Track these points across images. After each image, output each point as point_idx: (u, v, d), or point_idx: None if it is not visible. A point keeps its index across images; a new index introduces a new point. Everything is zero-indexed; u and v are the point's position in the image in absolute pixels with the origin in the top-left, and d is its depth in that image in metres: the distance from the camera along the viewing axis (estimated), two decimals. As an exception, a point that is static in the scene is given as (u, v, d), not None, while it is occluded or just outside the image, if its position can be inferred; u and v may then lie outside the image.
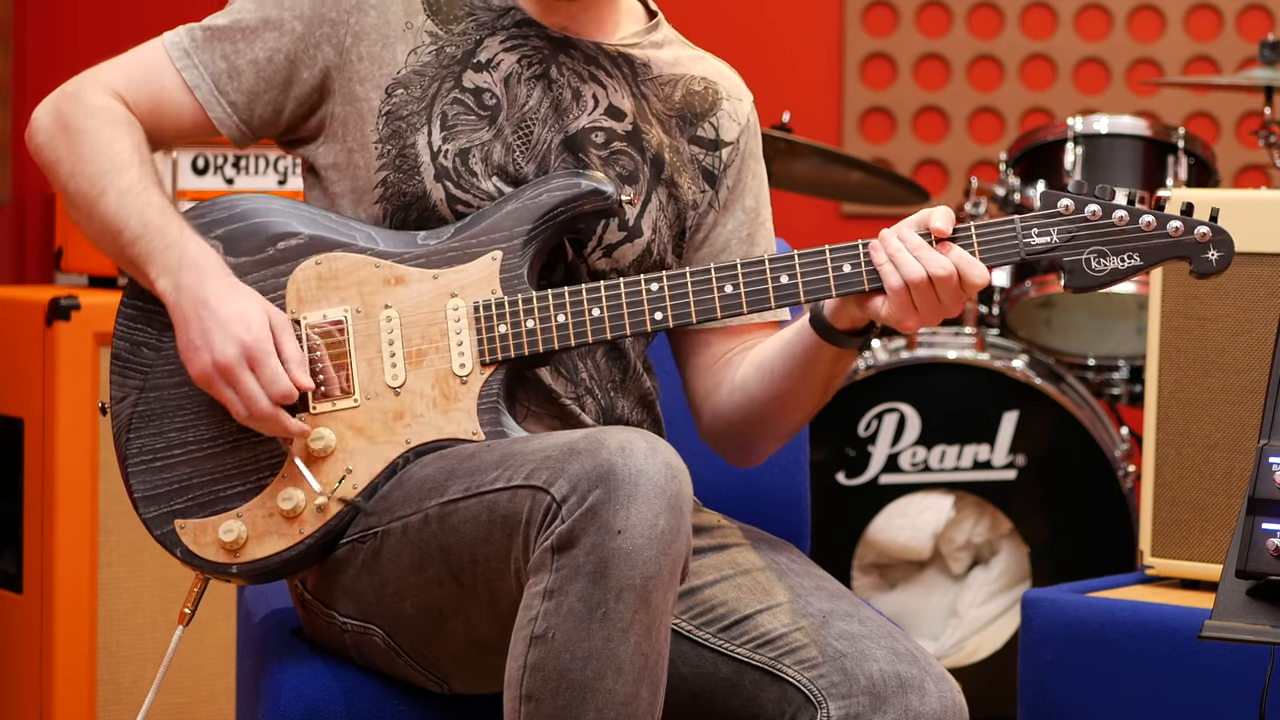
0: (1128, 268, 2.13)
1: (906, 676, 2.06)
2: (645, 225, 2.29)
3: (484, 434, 2.15)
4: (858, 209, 5.04)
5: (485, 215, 2.20)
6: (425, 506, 2.09)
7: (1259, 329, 2.71)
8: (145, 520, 2.20)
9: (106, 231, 2.19)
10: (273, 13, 2.23)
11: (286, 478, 2.17)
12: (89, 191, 2.19)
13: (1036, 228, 2.13)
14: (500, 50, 2.25)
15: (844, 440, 3.90)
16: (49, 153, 2.23)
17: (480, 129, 2.23)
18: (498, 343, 2.17)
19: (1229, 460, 2.72)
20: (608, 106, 2.28)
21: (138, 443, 2.21)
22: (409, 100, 2.22)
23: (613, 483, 1.91)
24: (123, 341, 2.22)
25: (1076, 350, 4.19)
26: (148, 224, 2.16)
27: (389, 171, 2.22)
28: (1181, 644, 2.61)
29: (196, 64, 2.24)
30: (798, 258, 2.16)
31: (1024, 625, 2.76)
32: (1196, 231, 2.11)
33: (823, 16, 5.15)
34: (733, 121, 2.37)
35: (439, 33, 2.24)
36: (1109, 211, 2.13)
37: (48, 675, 3.40)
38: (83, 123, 2.21)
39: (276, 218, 2.22)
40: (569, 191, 2.19)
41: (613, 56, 2.30)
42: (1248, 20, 5.05)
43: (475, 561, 2.03)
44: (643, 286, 2.17)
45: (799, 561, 2.26)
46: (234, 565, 2.18)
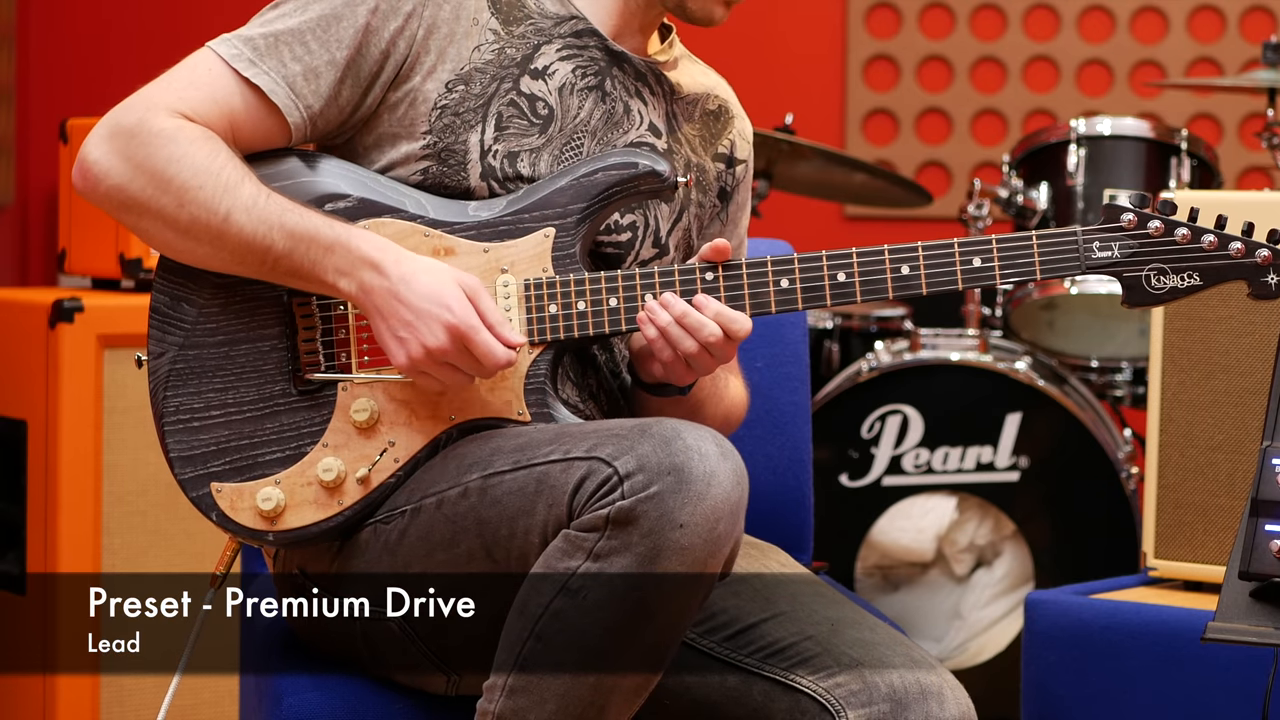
0: (1187, 287, 2.11)
1: (927, 683, 2.07)
2: (672, 243, 2.29)
3: (530, 414, 2.15)
4: (861, 211, 5.05)
5: (538, 189, 2.18)
6: (465, 480, 2.08)
7: (1261, 331, 2.71)
8: (181, 481, 2.17)
9: (248, 252, 2.11)
10: (341, 8, 2.17)
11: (328, 446, 2.16)
12: (211, 218, 2.10)
13: (1099, 241, 2.11)
14: (556, 59, 2.24)
15: (847, 442, 3.90)
16: (135, 191, 2.11)
17: (531, 135, 2.21)
18: (547, 323, 2.16)
19: (1232, 462, 2.72)
20: (649, 124, 2.29)
21: (175, 401, 2.17)
22: (468, 97, 2.20)
23: (684, 476, 1.93)
24: (163, 295, 2.18)
25: (1079, 352, 4.19)
26: (294, 232, 2.10)
27: (432, 162, 2.19)
28: (1184, 646, 2.61)
29: (267, 70, 2.15)
30: (854, 256, 2.14)
31: (1027, 627, 2.76)
32: (1259, 254, 2.09)
33: (826, 18, 5.15)
34: (743, 141, 2.39)
35: (501, 32, 2.23)
36: (1171, 228, 2.11)
37: (50, 677, 3.40)
38: (169, 150, 2.11)
39: (325, 178, 2.18)
40: (626, 171, 2.17)
41: (657, 74, 2.30)
42: (1250, 22, 5.05)
43: (513, 535, 2.03)
44: (698, 275, 2.15)
45: (789, 566, 2.27)
46: (270, 534, 2.16)
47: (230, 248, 2.11)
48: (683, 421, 2.00)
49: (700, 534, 1.93)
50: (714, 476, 1.93)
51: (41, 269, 4.70)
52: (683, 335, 2.11)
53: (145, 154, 2.10)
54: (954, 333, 4.02)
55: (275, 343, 2.17)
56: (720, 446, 1.96)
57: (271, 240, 2.10)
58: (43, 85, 4.76)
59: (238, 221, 2.10)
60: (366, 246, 2.10)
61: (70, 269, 3.73)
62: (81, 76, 4.77)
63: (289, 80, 2.16)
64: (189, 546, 3.38)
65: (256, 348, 2.17)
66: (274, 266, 2.11)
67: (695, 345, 2.11)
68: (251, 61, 2.15)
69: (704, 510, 1.93)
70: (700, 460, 1.94)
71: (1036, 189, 4.12)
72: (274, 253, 2.10)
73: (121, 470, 3.42)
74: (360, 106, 2.19)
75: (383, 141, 2.21)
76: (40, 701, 3.43)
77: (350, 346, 2.17)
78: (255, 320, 2.18)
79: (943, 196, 5.08)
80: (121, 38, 4.85)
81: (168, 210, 2.11)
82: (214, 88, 2.15)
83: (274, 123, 2.17)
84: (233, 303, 2.17)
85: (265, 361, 2.17)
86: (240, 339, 2.17)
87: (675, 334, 2.11)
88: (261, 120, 2.16)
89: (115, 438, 3.42)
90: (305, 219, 2.11)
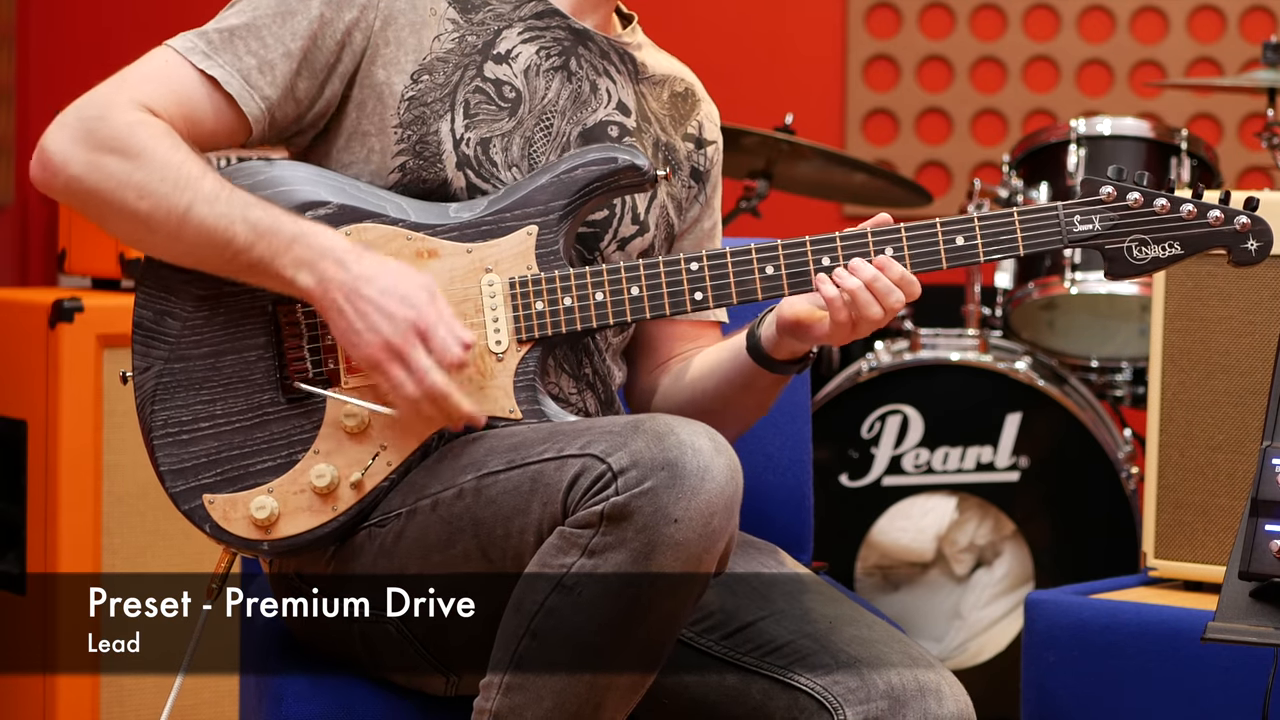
0: (1169, 256, 2.14)
1: (925, 681, 2.08)
2: (651, 220, 2.29)
3: (520, 412, 2.15)
4: (860, 211, 5.04)
5: (519, 188, 2.19)
6: (460, 481, 2.08)
7: (1262, 331, 2.71)
8: (172, 495, 2.18)
9: (208, 244, 2.10)
10: (295, 3, 2.17)
11: (320, 452, 2.16)
12: (171, 210, 2.09)
13: (1079, 215, 2.15)
14: (518, 42, 2.25)
15: (847, 442, 3.90)
16: (94, 182, 2.11)
17: (501, 119, 2.22)
18: (534, 320, 2.16)
19: (1232, 462, 2.72)
20: (618, 102, 2.29)
21: (163, 415, 2.17)
22: (433, 86, 2.20)
23: (678, 471, 1.93)
24: (145, 310, 2.17)
25: (1079, 352, 4.19)
26: (256, 225, 2.10)
27: (408, 157, 2.20)
28: (1185, 646, 2.61)
29: (222, 63, 2.16)
30: (837, 240, 2.15)
31: (1027, 627, 2.76)
32: (1237, 221, 2.13)
33: (826, 18, 5.15)
34: (711, 123, 2.40)
35: (460, 20, 2.23)
36: (1150, 199, 2.14)
37: (50, 677, 3.40)
38: (130, 142, 2.11)
39: (305, 185, 2.17)
40: (606, 166, 2.18)
41: (620, 52, 2.31)
42: (1250, 22, 5.05)
43: (508, 535, 2.03)
44: (683, 265, 2.16)
45: (783, 565, 2.27)
46: (265, 543, 2.15)
47: (189, 240, 2.10)
48: (676, 417, 2.01)
49: (695, 528, 1.93)
50: (708, 471, 1.94)
51: (41, 269, 4.71)
52: (870, 300, 2.11)
53: (108, 146, 2.11)
54: (954, 333, 4.02)
55: (261, 352, 2.17)
56: (714, 441, 1.97)
57: (233, 233, 2.09)
58: (43, 85, 4.76)
59: (199, 213, 2.09)
60: (328, 241, 2.10)
61: (70, 269, 3.73)
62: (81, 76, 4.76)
63: (244, 73, 2.16)
64: (189, 546, 3.38)
65: (243, 358, 2.17)
66: (233, 259, 2.11)
67: (880, 311, 2.11)
68: (206, 54, 2.16)
69: (698, 505, 1.93)
70: (694, 455, 1.94)
71: (1036, 189, 4.12)
72: (234, 245, 2.10)
73: (121, 470, 3.42)
74: (319, 99, 2.20)
75: (353, 141, 2.21)
76: (40, 701, 3.43)
77: (337, 352, 2.17)
78: (240, 330, 2.17)
79: (943, 196, 5.08)
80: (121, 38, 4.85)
81: (128, 203, 2.10)
82: (172, 82, 2.16)
83: (232, 115, 2.17)
84: (217, 314, 2.17)
85: (252, 371, 2.17)
86: (226, 349, 2.17)
87: (864, 299, 2.11)
88: (220, 113, 2.17)
89: (115, 438, 3.42)
90: (268, 213, 2.11)
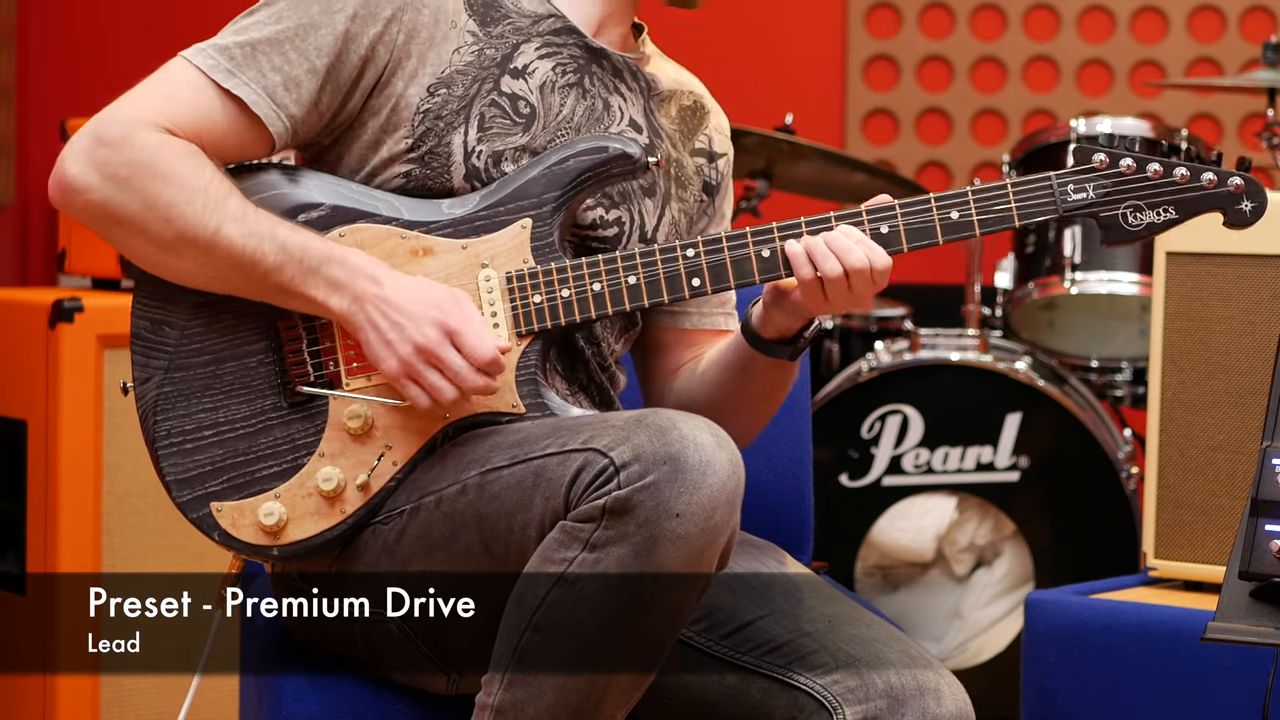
0: (1164, 221, 2.15)
1: (924, 680, 2.08)
2: (661, 237, 2.29)
3: (524, 405, 2.15)
4: (860, 211, 5.04)
5: (510, 181, 2.18)
6: (464, 477, 2.08)
7: (1261, 331, 2.71)
8: (179, 504, 2.17)
9: (236, 266, 2.10)
10: (319, 16, 2.15)
11: (325, 455, 2.15)
12: (200, 232, 2.08)
13: (1073, 183, 2.15)
14: (535, 57, 2.24)
15: (847, 442, 3.90)
16: (116, 206, 2.09)
17: (515, 133, 2.22)
18: (533, 313, 2.16)
19: (1232, 462, 2.72)
20: (630, 120, 2.29)
21: (165, 425, 2.16)
22: (450, 99, 2.20)
23: (680, 466, 1.93)
24: (142, 320, 2.17)
25: (1079, 352, 4.19)
26: (285, 246, 2.10)
27: (415, 166, 2.19)
28: (1185, 646, 2.61)
29: (247, 81, 2.14)
30: (832, 219, 2.16)
31: (1027, 627, 2.76)
32: (1230, 183, 2.13)
33: (825, 18, 5.15)
34: (721, 135, 2.39)
35: (479, 33, 2.23)
36: (1143, 165, 2.15)
37: (50, 677, 3.40)
38: (155, 165, 2.09)
39: (296, 188, 2.17)
40: (598, 155, 2.18)
41: (633, 71, 2.31)
42: (1250, 22, 5.05)
43: (511, 530, 2.03)
44: (679, 253, 2.16)
45: (783, 564, 2.27)
46: (274, 548, 2.15)
47: (219, 262, 2.10)
48: (679, 412, 2.01)
49: (697, 523, 1.93)
50: (710, 466, 1.94)
51: (41, 269, 4.71)
52: (827, 255, 2.13)
53: (130, 170, 2.09)
54: (954, 333, 4.02)
55: (262, 357, 2.17)
56: (716, 436, 1.97)
57: (262, 253, 2.09)
58: (43, 85, 4.76)
59: (227, 235, 2.09)
60: (356, 258, 2.12)
61: (70, 269, 3.73)
62: (81, 76, 4.77)
63: (269, 90, 2.14)
64: (189, 546, 3.37)
65: (243, 364, 2.17)
66: (260, 281, 2.11)
67: (838, 268, 2.12)
68: (230, 72, 2.14)
69: (700, 499, 1.93)
70: (696, 450, 1.94)
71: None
72: (263, 266, 2.10)
73: (121, 470, 3.42)
74: (341, 111, 2.19)
75: (366, 147, 2.21)
76: (40, 701, 3.43)
77: (337, 354, 2.17)
78: (239, 336, 2.17)
79: (943, 196, 5.07)
80: (121, 38, 4.85)
81: (153, 226, 2.09)
82: (195, 101, 2.13)
83: (256, 133, 2.15)
84: (215, 321, 2.16)
85: (253, 377, 2.16)
86: (226, 356, 2.16)
87: (821, 253, 2.13)
88: (243, 131, 2.15)
89: (115, 438, 3.42)
90: (296, 233, 2.11)
